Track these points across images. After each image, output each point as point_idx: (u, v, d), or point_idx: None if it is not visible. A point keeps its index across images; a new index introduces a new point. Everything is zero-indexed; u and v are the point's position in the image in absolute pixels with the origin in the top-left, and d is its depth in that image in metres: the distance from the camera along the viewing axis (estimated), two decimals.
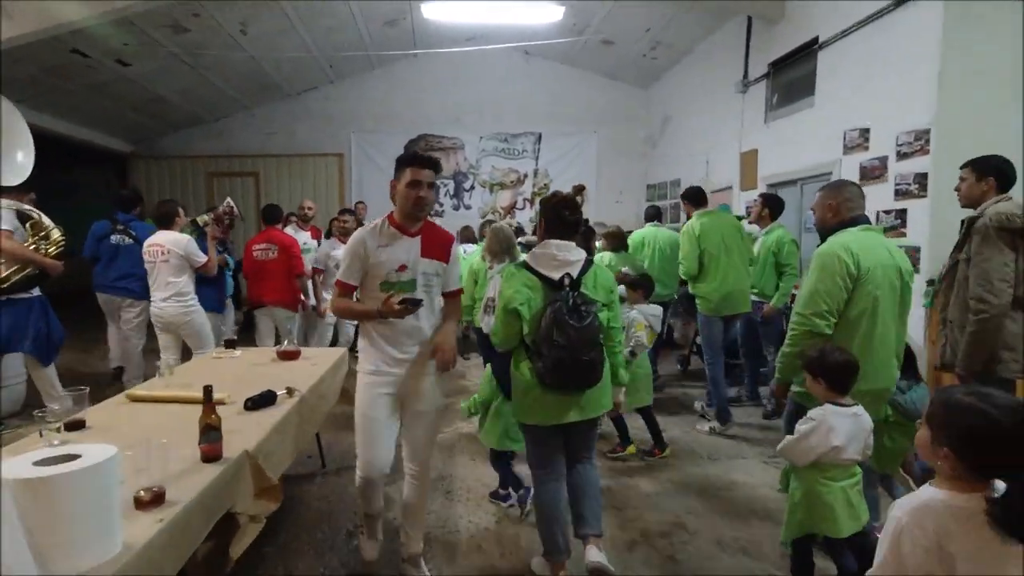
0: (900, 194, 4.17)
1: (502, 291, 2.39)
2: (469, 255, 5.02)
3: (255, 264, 4.94)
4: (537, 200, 9.45)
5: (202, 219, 4.94)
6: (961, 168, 2.84)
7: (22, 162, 3.99)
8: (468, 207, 9.55)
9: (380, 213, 2.39)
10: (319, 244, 5.98)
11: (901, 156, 4.16)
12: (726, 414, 4.29)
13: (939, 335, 2.99)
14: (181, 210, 4.43)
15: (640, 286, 3.77)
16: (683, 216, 7.16)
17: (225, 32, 6.58)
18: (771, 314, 4.52)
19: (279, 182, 9.26)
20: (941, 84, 3.83)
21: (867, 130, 4.49)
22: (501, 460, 3.16)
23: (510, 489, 3.19)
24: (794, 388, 2.46)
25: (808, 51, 5.22)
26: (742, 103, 6.32)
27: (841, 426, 2.08)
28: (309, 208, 6.07)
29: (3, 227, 3.85)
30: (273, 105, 9.31)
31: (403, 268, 2.29)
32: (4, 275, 3.87)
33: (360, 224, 6.39)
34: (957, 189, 2.85)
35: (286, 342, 3.51)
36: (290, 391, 2.58)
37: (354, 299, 2.38)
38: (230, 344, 3.54)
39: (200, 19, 6.13)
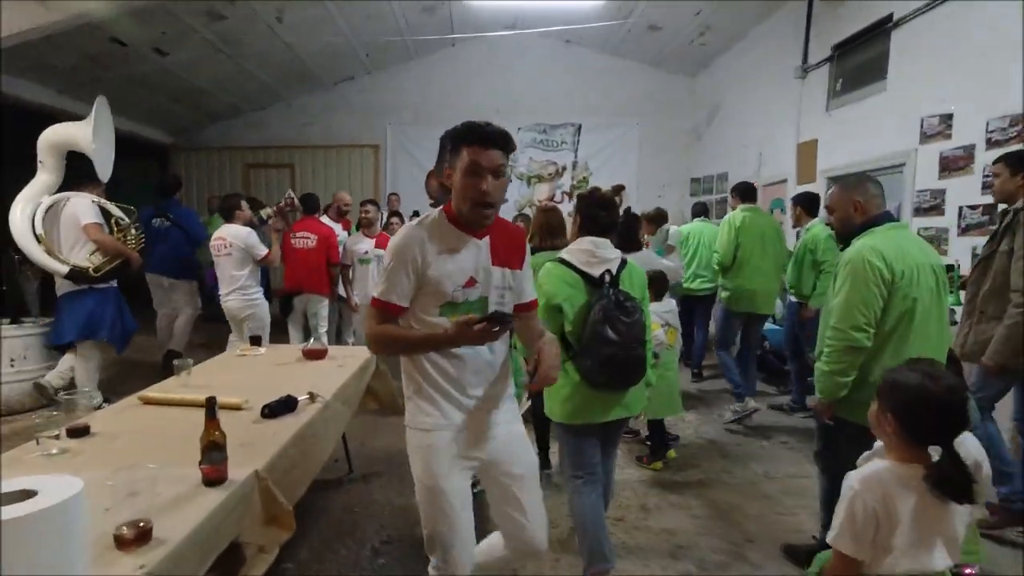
0: (989, 187, 3.72)
1: (542, 287, 2.27)
2: None
3: (294, 252, 4.96)
4: (576, 193, 9.14)
5: (265, 212, 4.94)
6: (994, 163, 2.80)
7: (110, 158, 4.38)
8: (505, 200, 9.28)
9: (414, 205, 2.16)
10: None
11: (992, 144, 3.71)
12: (744, 389, 4.43)
13: (962, 324, 2.92)
14: (244, 203, 4.51)
15: (652, 283, 3.48)
16: (730, 211, 6.81)
17: (261, 20, 6.46)
18: (810, 316, 4.28)
19: (315, 173, 9.17)
20: None
21: (950, 116, 4.05)
22: None
23: None
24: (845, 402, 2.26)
25: (880, 31, 4.77)
26: (800, 90, 5.88)
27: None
28: (347, 205, 5.84)
29: (94, 220, 4.14)
30: (310, 96, 9.21)
31: (472, 283, 1.71)
32: (98, 264, 4.13)
33: (396, 215, 6.31)
34: (989, 185, 2.83)
35: (320, 332, 3.36)
36: (312, 396, 2.37)
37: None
38: (255, 340, 3.37)
39: (235, 6, 6.02)
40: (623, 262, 2.34)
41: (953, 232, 4.01)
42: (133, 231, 4.43)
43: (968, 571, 2.09)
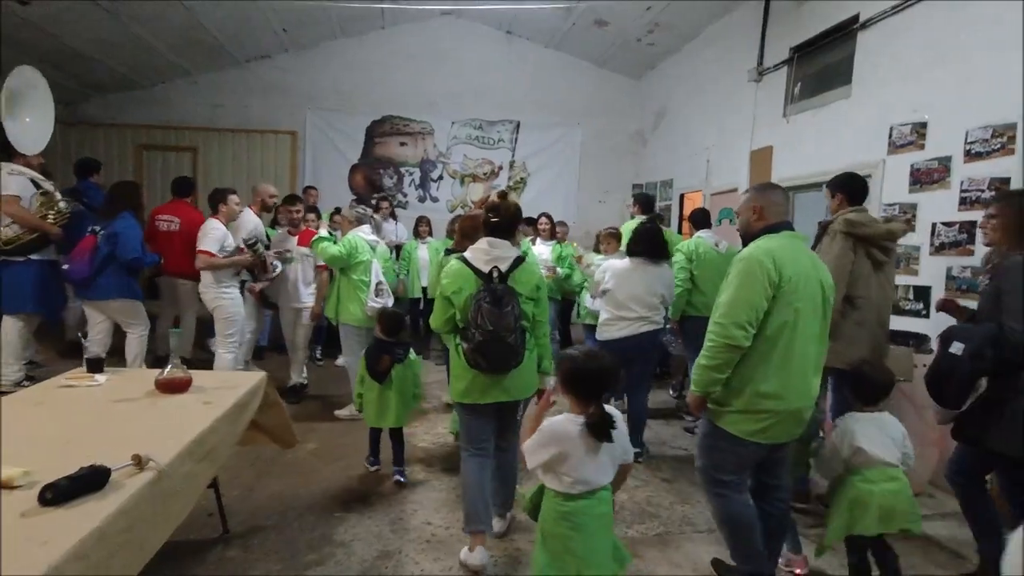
0: (968, 203, 3.42)
1: (442, 280, 2.65)
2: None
3: (158, 235, 4.94)
4: (511, 195, 8.55)
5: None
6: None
7: (41, 131, 4.37)
8: (435, 199, 8.59)
9: (333, 199, 1.55)
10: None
11: (972, 156, 3.41)
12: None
13: None
14: (232, 197, 4.42)
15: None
16: (676, 220, 6.42)
17: None
18: None
19: (221, 160, 8.11)
20: None
21: (923, 125, 3.75)
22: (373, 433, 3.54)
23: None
24: (709, 405, 2.27)
25: (845, 32, 4.47)
26: (755, 94, 5.56)
27: (862, 429, 2.37)
28: (271, 197, 5.01)
29: (12, 192, 4.12)
30: (219, 73, 8.15)
31: None
32: (9, 237, 4.13)
33: (313, 211, 5.54)
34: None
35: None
36: (139, 462, 1.61)
37: None
38: (93, 364, 2.52)
39: None
40: (518, 261, 2.61)
41: (925, 250, 3.71)
42: (61, 206, 4.37)
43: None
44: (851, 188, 3.10)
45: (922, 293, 3.69)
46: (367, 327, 4.11)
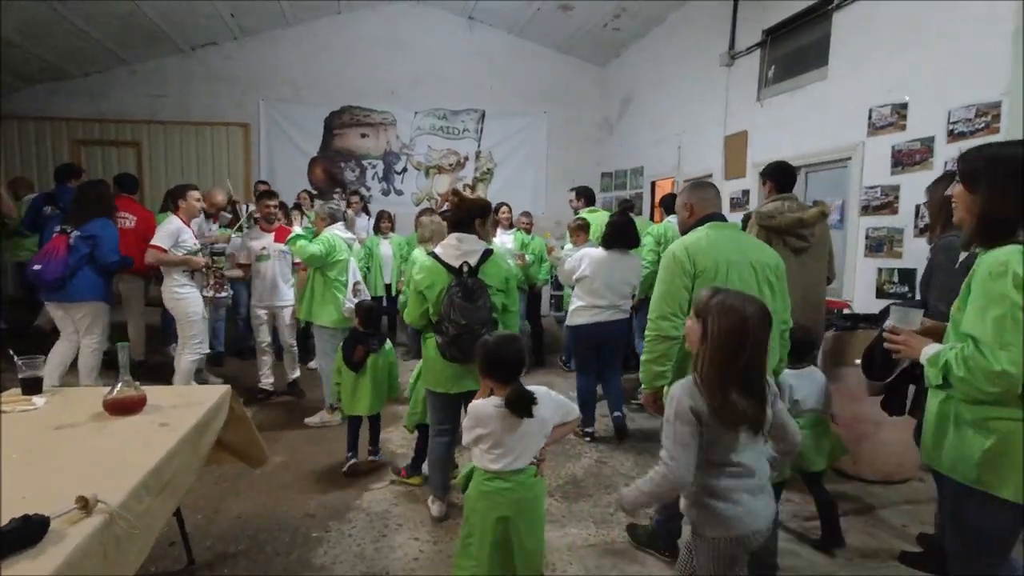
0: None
1: (413, 276, 2.79)
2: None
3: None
4: (479, 186, 8.35)
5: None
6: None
7: None
8: (400, 192, 8.29)
9: (292, 195, 1.34)
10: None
11: (955, 136, 3.38)
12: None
13: None
14: (192, 193, 4.23)
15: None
16: (648, 207, 6.36)
17: None
18: None
19: (168, 155, 7.62)
20: (1019, 43, 3.05)
21: (904, 105, 3.71)
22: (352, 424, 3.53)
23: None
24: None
25: (819, 12, 4.40)
26: (727, 79, 5.48)
27: (797, 384, 2.65)
28: (213, 205, 5.16)
29: None
30: (162, 61, 7.64)
31: None
32: None
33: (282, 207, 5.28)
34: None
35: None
36: (85, 504, 1.36)
37: None
38: (29, 385, 2.21)
39: None
40: (486, 254, 2.72)
41: (909, 232, 3.67)
42: None
43: None
44: (779, 177, 3.31)
45: (907, 276, 3.66)
46: (343, 328, 3.91)
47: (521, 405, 1.95)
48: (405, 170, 8.28)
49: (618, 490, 2.11)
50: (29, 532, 1.22)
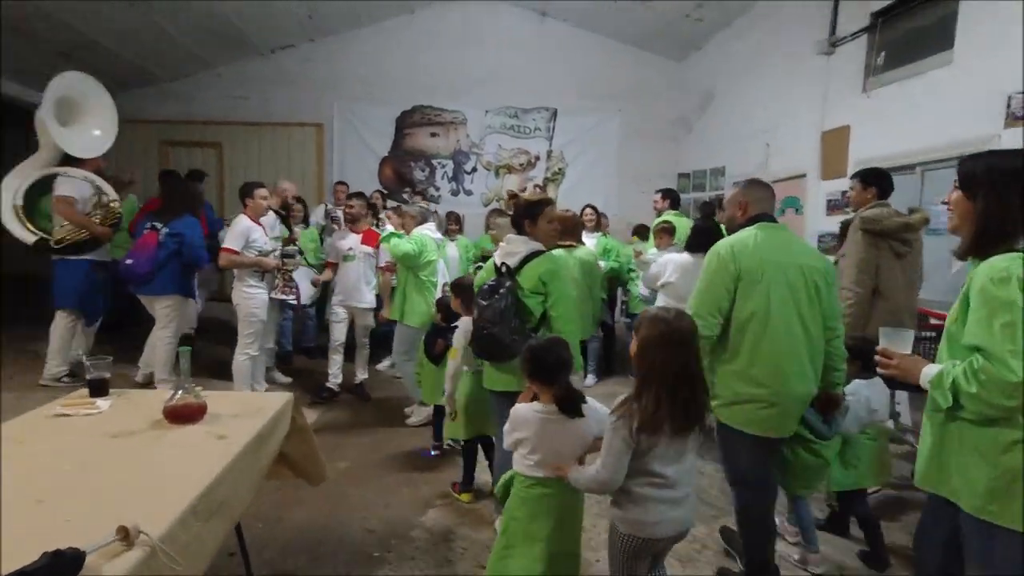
0: None
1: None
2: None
3: None
4: (549, 186, 8.11)
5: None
6: (851, 177, 3.36)
7: (99, 137, 4.61)
8: (469, 192, 8.17)
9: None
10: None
11: None
12: None
13: None
14: (260, 192, 4.22)
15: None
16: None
17: None
18: None
19: (247, 155, 7.82)
20: None
21: None
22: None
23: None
24: (711, 402, 2.16)
25: None
26: (827, 68, 4.99)
27: (872, 394, 2.63)
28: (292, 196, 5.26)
29: (64, 193, 4.30)
30: (242, 64, 7.84)
31: None
32: (59, 236, 4.29)
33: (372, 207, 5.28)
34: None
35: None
36: (126, 535, 1.22)
37: None
38: (95, 387, 2.16)
39: None
40: (531, 256, 2.64)
41: None
42: (112, 207, 4.47)
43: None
44: (885, 185, 3.23)
45: None
46: (427, 328, 3.92)
47: (571, 404, 1.96)
48: (475, 170, 8.15)
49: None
50: (61, 570, 1.09)
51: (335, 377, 4.71)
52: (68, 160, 4.43)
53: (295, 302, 4.45)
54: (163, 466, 1.66)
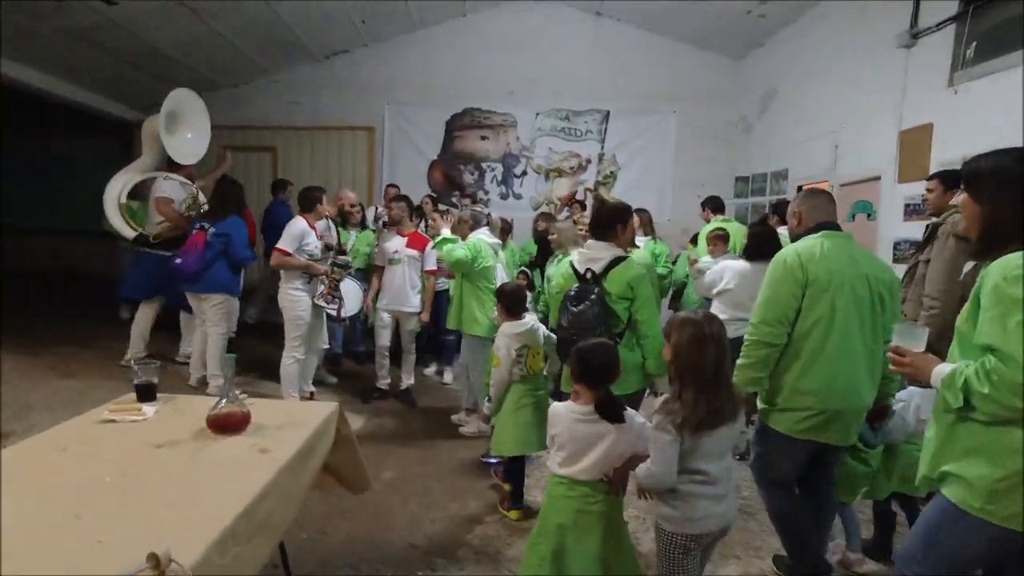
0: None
1: (552, 279, 3.19)
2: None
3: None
4: (600, 190, 7.91)
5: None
6: (928, 179, 3.24)
7: (198, 144, 5.17)
8: (519, 196, 8.04)
9: (413, 198, 1.15)
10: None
11: None
12: None
13: None
14: (326, 197, 4.32)
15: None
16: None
17: None
18: None
19: (300, 159, 7.94)
20: None
21: None
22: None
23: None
24: (759, 405, 2.33)
25: None
26: (905, 63, 4.62)
27: (925, 404, 2.42)
28: (352, 205, 5.37)
29: (164, 194, 4.77)
30: (297, 70, 7.98)
31: None
32: (157, 232, 4.77)
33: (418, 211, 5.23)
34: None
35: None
36: (157, 564, 1.13)
37: None
38: (143, 392, 2.13)
39: None
40: (614, 261, 2.65)
41: None
42: (203, 208, 4.78)
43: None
44: None
45: None
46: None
47: (610, 410, 1.98)
48: (525, 173, 8.02)
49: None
50: None
51: (383, 379, 4.68)
52: (167, 165, 5.02)
53: (335, 313, 4.35)
54: (204, 482, 1.59)
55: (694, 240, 5.90)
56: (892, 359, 1.66)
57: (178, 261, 4.24)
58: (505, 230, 5.91)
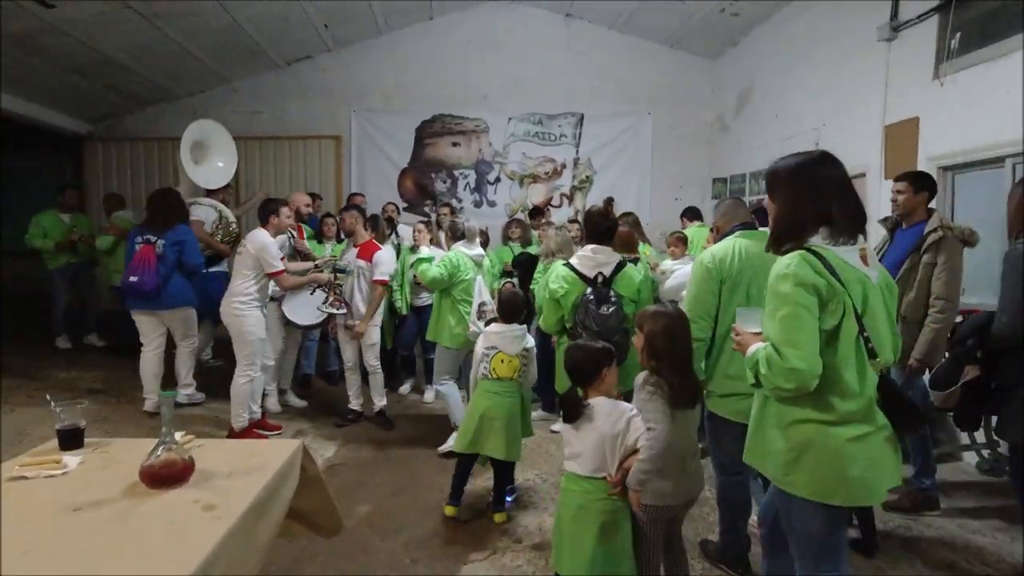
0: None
1: (548, 284, 3.04)
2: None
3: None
4: (576, 195, 7.73)
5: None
6: (896, 180, 3.23)
7: (225, 170, 5.52)
8: (492, 204, 7.80)
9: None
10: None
11: None
12: None
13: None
14: (284, 210, 4.09)
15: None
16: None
17: None
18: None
19: (263, 170, 7.56)
20: None
21: None
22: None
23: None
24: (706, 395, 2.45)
25: None
26: (887, 56, 4.52)
27: None
28: (307, 206, 5.22)
29: (196, 218, 4.85)
30: (259, 78, 7.64)
31: None
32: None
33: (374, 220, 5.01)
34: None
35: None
36: None
37: None
38: (67, 439, 1.81)
39: None
40: (620, 265, 2.98)
41: None
42: (232, 228, 5.11)
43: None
44: (934, 189, 3.18)
45: None
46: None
47: (567, 408, 2.12)
48: (498, 180, 7.78)
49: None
50: None
51: (355, 398, 4.38)
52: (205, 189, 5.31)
53: (343, 311, 4.21)
54: (132, 554, 1.29)
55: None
56: (733, 337, 1.84)
57: (133, 279, 4.13)
58: (483, 242, 5.63)
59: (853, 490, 1.55)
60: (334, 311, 4.17)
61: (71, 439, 1.81)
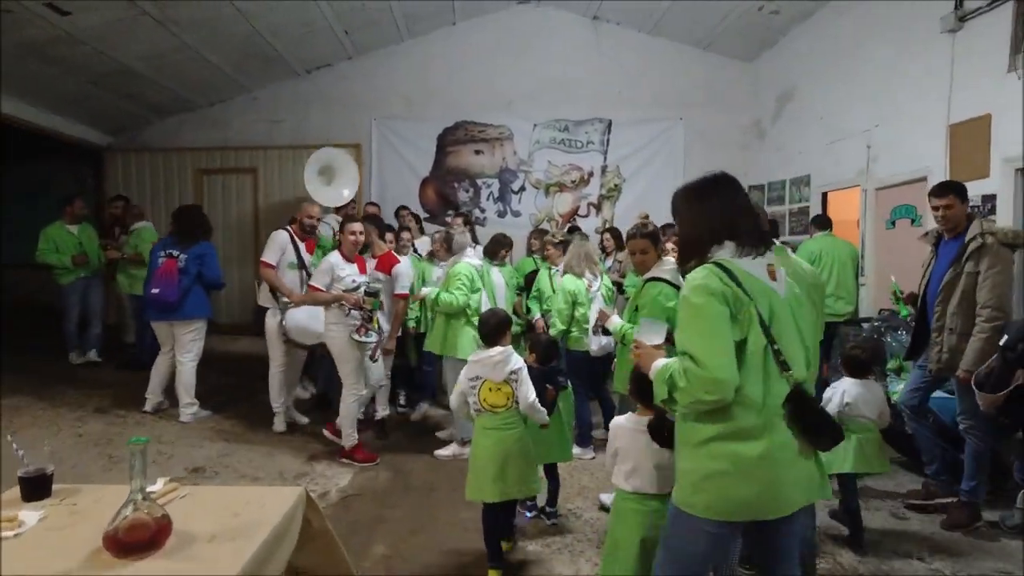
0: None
1: (662, 305, 2.80)
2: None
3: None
4: (604, 204, 7.40)
5: None
6: (937, 196, 3.02)
7: (349, 188, 6.27)
8: (517, 214, 7.51)
9: None
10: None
11: None
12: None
13: (933, 341, 3.08)
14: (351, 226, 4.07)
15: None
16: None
17: None
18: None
19: (281, 180, 7.38)
20: None
21: None
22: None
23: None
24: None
25: None
26: (951, 49, 4.14)
27: (854, 391, 2.81)
28: (310, 217, 4.53)
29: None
30: (279, 87, 7.49)
31: None
32: None
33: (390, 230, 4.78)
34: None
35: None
36: None
37: None
38: (31, 488, 1.54)
39: None
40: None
41: None
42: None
43: None
44: (967, 198, 3.06)
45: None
46: None
47: (657, 433, 1.98)
48: (523, 189, 7.50)
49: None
50: None
51: (381, 407, 4.37)
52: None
53: (374, 340, 3.87)
54: None
55: None
56: (632, 351, 1.83)
57: (155, 291, 4.28)
58: (507, 246, 5.25)
59: (755, 507, 1.54)
60: (363, 339, 3.83)
61: (36, 488, 1.55)
